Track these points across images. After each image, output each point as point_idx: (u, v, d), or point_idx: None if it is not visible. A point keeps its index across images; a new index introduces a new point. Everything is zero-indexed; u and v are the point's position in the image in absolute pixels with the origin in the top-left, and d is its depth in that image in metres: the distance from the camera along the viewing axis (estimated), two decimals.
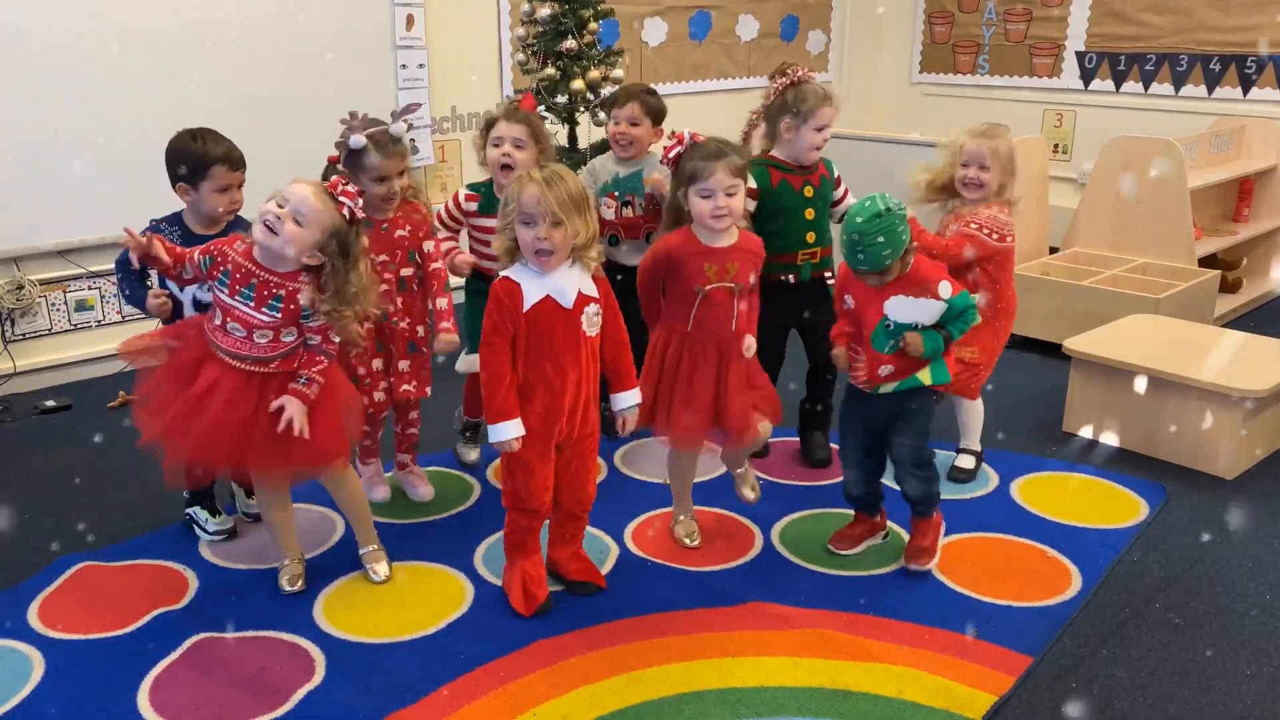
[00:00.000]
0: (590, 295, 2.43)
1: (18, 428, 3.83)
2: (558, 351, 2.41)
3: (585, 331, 2.43)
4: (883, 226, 2.47)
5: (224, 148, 2.69)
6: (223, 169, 2.67)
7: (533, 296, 2.38)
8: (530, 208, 2.31)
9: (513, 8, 5.18)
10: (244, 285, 2.43)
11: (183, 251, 2.48)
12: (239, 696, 2.30)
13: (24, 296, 4.06)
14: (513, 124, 3.01)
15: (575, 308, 2.40)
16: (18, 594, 2.70)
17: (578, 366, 2.44)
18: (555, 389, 2.42)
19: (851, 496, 2.86)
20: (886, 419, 2.71)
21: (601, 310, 2.47)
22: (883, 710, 2.25)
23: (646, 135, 3.27)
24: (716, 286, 2.63)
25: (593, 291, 2.44)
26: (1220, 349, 3.59)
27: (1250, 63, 5.45)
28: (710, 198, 2.56)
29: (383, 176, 2.82)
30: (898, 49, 6.85)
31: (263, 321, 2.45)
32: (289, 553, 2.74)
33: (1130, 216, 4.76)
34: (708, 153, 2.57)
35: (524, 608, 2.57)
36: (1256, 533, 3.00)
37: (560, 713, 2.24)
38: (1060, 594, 2.68)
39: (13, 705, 2.28)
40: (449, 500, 3.19)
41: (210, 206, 2.70)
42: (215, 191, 2.69)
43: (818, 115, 3.06)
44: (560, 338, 2.40)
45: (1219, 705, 2.28)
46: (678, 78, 6.06)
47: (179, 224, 2.75)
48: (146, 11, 4.08)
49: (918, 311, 2.58)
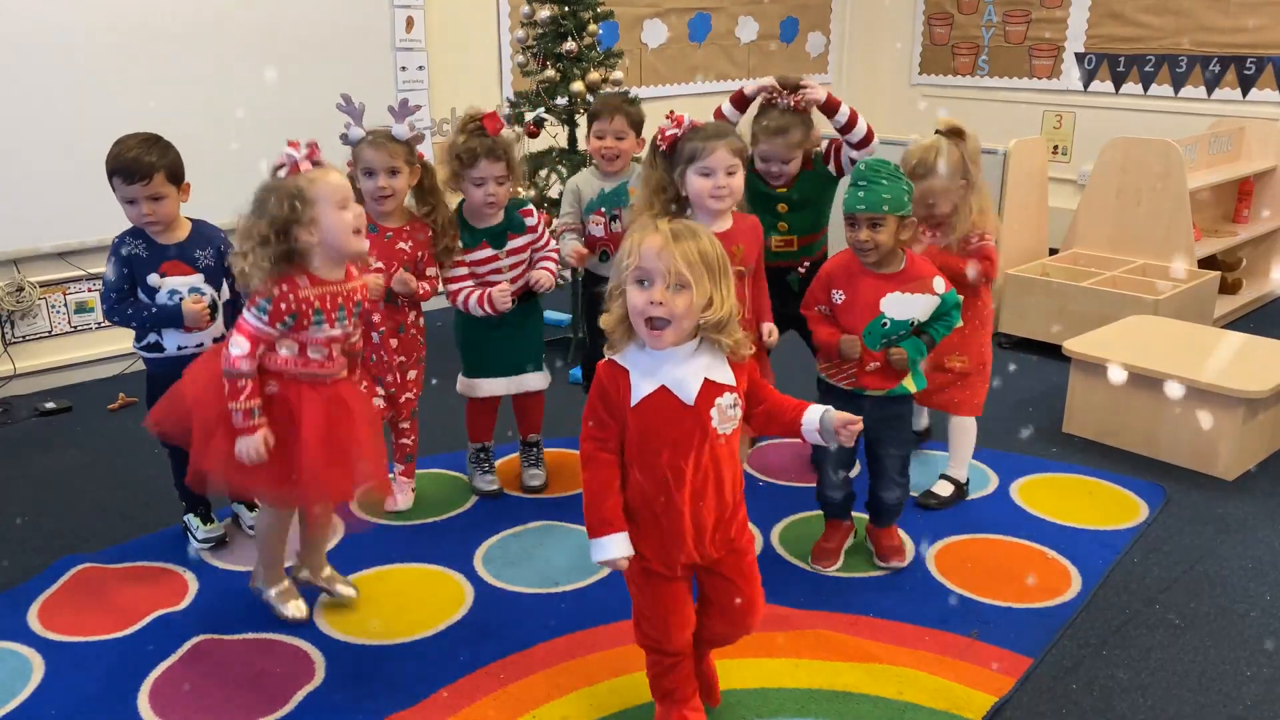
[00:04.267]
0: (723, 384, 1.91)
1: (17, 429, 3.83)
2: (674, 454, 1.90)
3: (716, 430, 1.92)
4: (891, 174, 2.50)
5: (126, 157, 2.57)
6: (119, 182, 2.60)
7: (643, 388, 1.90)
8: (649, 263, 1.82)
9: (513, 10, 5.19)
10: (334, 310, 2.32)
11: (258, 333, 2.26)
12: (239, 698, 2.30)
13: (24, 298, 4.06)
14: (495, 162, 2.87)
15: (700, 402, 1.90)
16: (17, 596, 2.70)
17: (702, 473, 1.92)
18: (674, 500, 1.92)
19: (833, 502, 2.80)
20: (872, 425, 2.68)
21: (743, 401, 1.96)
22: (883, 711, 2.25)
23: (631, 147, 3.20)
24: None
25: (727, 380, 1.92)
26: (1220, 350, 3.59)
27: (1250, 64, 5.45)
28: (710, 176, 2.49)
29: (370, 170, 2.80)
30: (897, 50, 6.86)
31: (345, 332, 2.38)
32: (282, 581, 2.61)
33: (1130, 218, 4.76)
34: (709, 132, 2.50)
35: None
36: (1256, 533, 3.00)
37: (560, 714, 2.24)
38: (1060, 595, 2.68)
39: (12, 707, 2.28)
40: (449, 502, 3.19)
41: (128, 218, 2.66)
42: (122, 202, 2.63)
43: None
44: (678, 439, 1.90)
45: (1219, 705, 2.28)
46: (677, 79, 6.07)
47: (141, 236, 2.69)
48: (147, 12, 4.09)
49: (914, 308, 2.58)
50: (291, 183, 2.21)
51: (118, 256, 2.67)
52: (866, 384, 2.62)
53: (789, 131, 2.97)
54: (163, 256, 2.68)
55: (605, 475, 1.93)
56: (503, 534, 2.98)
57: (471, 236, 2.99)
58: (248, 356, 2.25)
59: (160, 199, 2.63)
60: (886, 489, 2.74)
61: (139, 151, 2.59)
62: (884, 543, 2.83)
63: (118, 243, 2.68)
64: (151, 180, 2.60)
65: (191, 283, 2.70)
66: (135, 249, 2.67)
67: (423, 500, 3.19)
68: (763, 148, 3.01)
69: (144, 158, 2.59)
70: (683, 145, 2.55)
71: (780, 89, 3.00)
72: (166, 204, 2.64)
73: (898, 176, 2.53)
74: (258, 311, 2.25)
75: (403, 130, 2.82)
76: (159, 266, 2.67)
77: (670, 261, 1.80)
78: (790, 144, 2.98)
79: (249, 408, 2.26)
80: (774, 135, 2.98)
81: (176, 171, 2.66)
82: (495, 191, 2.92)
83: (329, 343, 2.35)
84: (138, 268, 2.67)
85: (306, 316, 2.28)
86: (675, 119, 2.60)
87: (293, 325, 2.28)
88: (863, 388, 2.62)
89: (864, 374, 2.62)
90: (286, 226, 2.20)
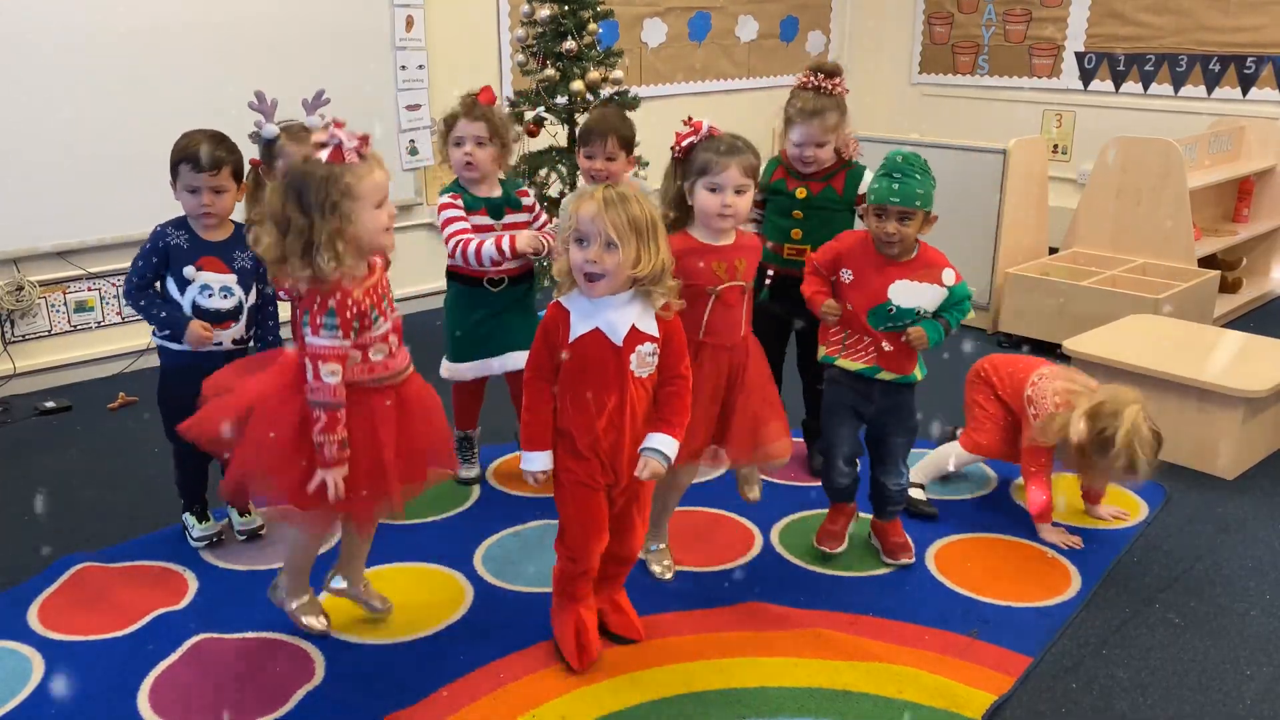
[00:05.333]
0: (646, 333, 2.22)
1: (17, 429, 3.83)
2: (600, 388, 2.22)
3: (634, 372, 2.23)
4: (923, 169, 2.53)
5: (198, 147, 2.63)
6: (187, 168, 2.64)
7: (580, 327, 2.21)
8: (585, 225, 2.14)
9: (512, 9, 5.19)
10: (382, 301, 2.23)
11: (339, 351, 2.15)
12: (239, 697, 2.30)
13: (24, 298, 4.06)
14: (473, 121, 2.93)
15: (625, 345, 2.20)
16: (17, 595, 2.70)
17: (622, 408, 2.23)
18: (595, 427, 2.23)
19: (840, 488, 2.81)
20: (879, 412, 2.70)
21: (660, 351, 2.26)
22: (883, 710, 2.25)
23: (622, 167, 3.10)
24: (729, 286, 2.49)
25: (651, 330, 2.23)
26: (1220, 349, 3.59)
27: (1250, 63, 5.45)
28: (718, 193, 2.44)
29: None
30: (897, 50, 6.86)
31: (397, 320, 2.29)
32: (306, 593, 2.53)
33: (1130, 217, 4.76)
34: (723, 147, 2.45)
35: (577, 661, 2.37)
36: (1257, 533, 3.00)
37: (560, 713, 2.24)
38: (1060, 594, 2.68)
39: (12, 706, 2.28)
40: (449, 501, 3.19)
41: (185, 207, 2.70)
42: (184, 191, 2.67)
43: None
44: (604, 375, 2.21)
45: (1219, 705, 2.28)
46: (677, 79, 6.07)
47: (185, 228, 2.73)
48: (147, 12, 4.08)
49: (922, 297, 2.59)
50: (334, 172, 2.08)
51: (156, 244, 2.71)
52: (885, 365, 2.64)
53: (824, 114, 2.96)
54: (202, 251, 2.72)
55: (541, 401, 2.26)
56: (502, 533, 2.98)
57: (472, 200, 3.01)
58: (344, 382, 2.14)
59: (222, 192, 2.70)
60: (889, 475, 2.76)
61: (212, 144, 2.66)
62: (891, 539, 2.83)
63: (160, 231, 2.72)
64: (220, 172, 2.66)
65: (225, 281, 2.73)
66: (178, 239, 2.71)
67: (422, 499, 3.15)
68: (797, 131, 2.99)
69: (216, 150, 2.66)
70: (696, 154, 2.48)
71: (818, 74, 3.00)
72: (226, 199, 2.71)
73: (927, 172, 2.56)
74: (327, 331, 2.12)
75: (314, 120, 2.74)
76: (197, 260, 2.71)
77: (602, 225, 2.12)
78: (826, 127, 2.96)
79: (343, 439, 2.15)
80: (809, 117, 2.96)
81: (239, 171, 2.74)
82: (473, 152, 2.95)
83: (386, 338, 2.24)
84: (176, 258, 2.71)
85: (368, 317, 2.17)
86: (694, 125, 2.52)
87: (358, 330, 2.16)
88: (877, 368, 2.64)
89: (881, 354, 2.63)
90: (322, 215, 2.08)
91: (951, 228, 3.32)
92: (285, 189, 2.12)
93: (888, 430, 2.73)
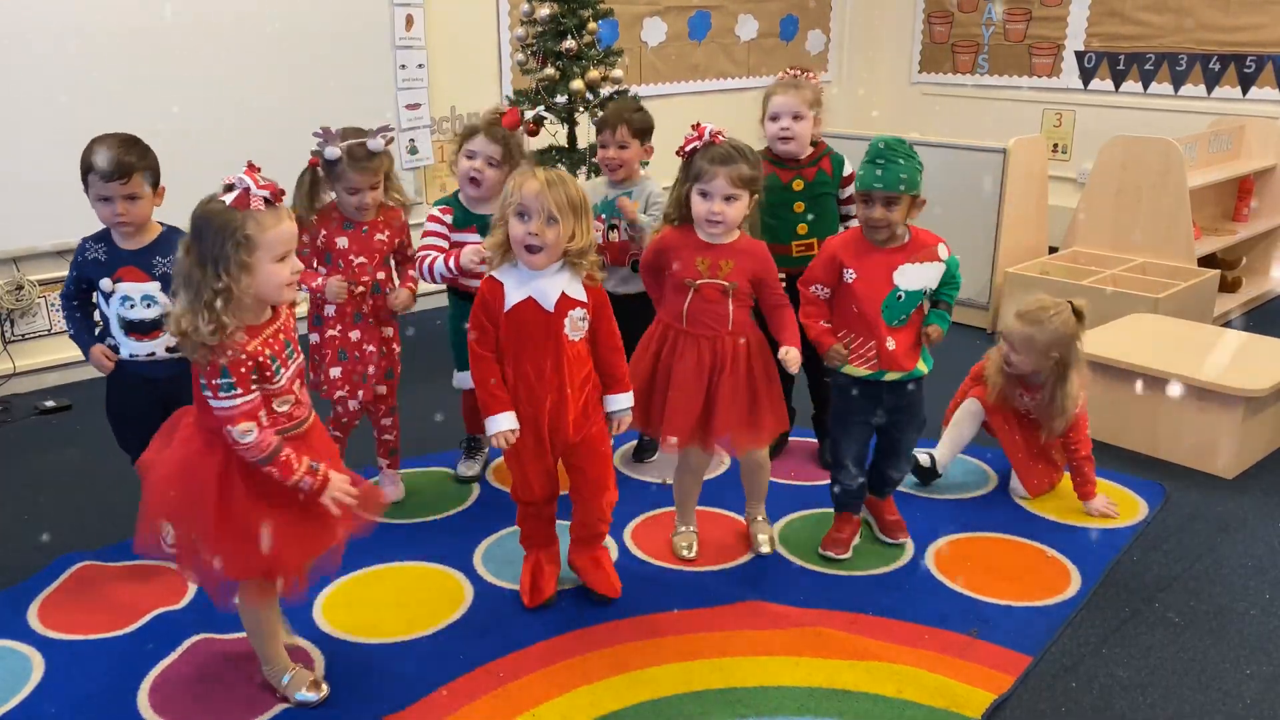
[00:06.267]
0: (576, 299, 2.40)
1: (17, 428, 3.83)
2: (537, 353, 2.40)
3: (568, 336, 2.40)
4: (907, 154, 2.55)
5: (103, 156, 2.52)
6: (95, 178, 2.54)
7: (514, 297, 2.37)
8: (528, 202, 2.30)
9: (512, 8, 5.19)
10: (282, 349, 2.10)
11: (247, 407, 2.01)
12: (239, 697, 2.30)
13: (24, 297, 4.06)
14: (491, 142, 2.97)
15: (557, 311, 2.38)
16: (17, 594, 2.70)
17: (560, 371, 2.41)
18: (536, 391, 2.41)
19: (850, 493, 2.83)
20: (889, 411, 2.72)
21: (590, 317, 2.44)
22: (882, 709, 2.25)
23: (636, 155, 3.17)
24: (708, 282, 2.59)
25: (580, 296, 2.41)
26: (1220, 348, 3.59)
27: (1250, 62, 5.45)
28: (708, 199, 2.55)
29: (354, 189, 2.83)
30: (897, 49, 6.85)
31: (300, 366, 2.17)
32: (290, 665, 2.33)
33: (1130, 216, 4.76)
34: (716, 156, 2.53)
35: (528, 599, 2.62)
36: (1256, 532, 3.00)
37: (559, 713, 2.24)
38: (1060, 593, 2.68)
39: (12, 706, 2.28)
40: (449, 500, 3.19)
41: (99, 217, 2.62)
42: (97, 201, 2.59)
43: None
44: (539, 340, 2.39)
45: (1219, 705, 2.28)
46: (677, 78, 6.07)
47: (105, 239, 2.66)
48: (146, 11, 4.08)
49: (925, 277, 2.63)
50: (235, 218, 1.96)
51: (75, 259, 2.66)
52: (889, 365, 2.65)
53: (801, 89, 3.15)
54: (120, 262, 2.64)
55: (488, 369, 2.41)
56: (502, 533, 2.98)
57: (464, 217, 3.02)
58: (264, 428, 2.02)
59: (135, 199, 2.59)
60: (894, 467, 2.84)
61: (119, 151, 2.56)
62: (887, 517, 2.93)
63: (80, 245, 2.66)
64: (130, 179, 2.56)
65: (146, 290, 2.64)
66: (95, 253, 2.65)
67: (422, 499, 3.19)
68: (775, 102, 3.14)
69: (124, 157, 2.55)
70: (696, 159, 2.58)
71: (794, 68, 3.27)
72: (141, 205, 2.60)
73: (912, 156, 2.57)
74: (224, 393, 1.98)
75: (378, 143, 2.81)
76: (114, 273, 2.63)
77: (545, 202, 2.28)
78: (803, 99, 3.12)
79: (307, 466, 2.06)
80: (787, 89, 3.15)
81: (154, 174, 2.64)
82: (482, 169, 2.97)
83: (290, 385, 2.11)
84: (93, 272, 2.64)
85: (268, 368, 2.04)
86: (698, 130, 2.60)
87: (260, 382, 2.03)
88: (884, 370, 2.65)
89: (884, 354, 2.64)
90: (215, 270, 1.95)
91: (951, 227, 3.33)
92: (189, 232, 2.01)
93: (899, 427, 2.77)
